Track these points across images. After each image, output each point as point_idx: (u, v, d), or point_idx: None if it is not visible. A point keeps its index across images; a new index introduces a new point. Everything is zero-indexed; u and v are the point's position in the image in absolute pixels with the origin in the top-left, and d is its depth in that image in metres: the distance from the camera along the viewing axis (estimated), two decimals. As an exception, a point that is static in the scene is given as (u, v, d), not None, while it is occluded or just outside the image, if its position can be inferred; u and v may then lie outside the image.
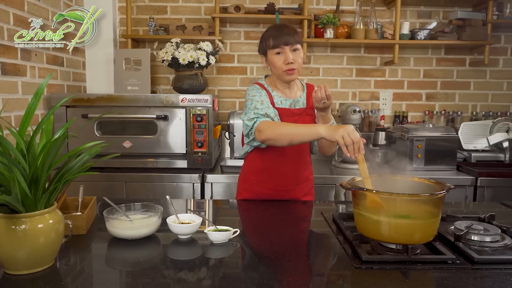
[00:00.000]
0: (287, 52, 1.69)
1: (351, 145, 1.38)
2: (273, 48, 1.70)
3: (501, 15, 3.03)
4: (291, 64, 1.69)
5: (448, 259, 1.13)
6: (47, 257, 1.06)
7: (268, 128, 1.60)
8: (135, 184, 2.50)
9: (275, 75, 1.77)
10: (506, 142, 2.84)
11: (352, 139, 1.38)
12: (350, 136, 1.38)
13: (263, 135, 1.61)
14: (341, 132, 1.40)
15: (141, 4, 3.16)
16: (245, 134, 1.73)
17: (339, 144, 1.40)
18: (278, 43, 1.69)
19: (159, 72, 3.20)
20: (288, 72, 1.70)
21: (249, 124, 1.67)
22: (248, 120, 1.67)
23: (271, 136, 1.59)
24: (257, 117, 1.65)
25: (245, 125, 1.70)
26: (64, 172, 1.09)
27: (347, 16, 3.18)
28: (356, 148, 1.37)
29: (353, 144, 1.37)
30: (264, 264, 1.13)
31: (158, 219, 1.32)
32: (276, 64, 1.71)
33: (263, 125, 1.62)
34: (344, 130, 1.40)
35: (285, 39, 1.68)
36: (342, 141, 1.39)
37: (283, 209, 1.70)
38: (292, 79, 1.75)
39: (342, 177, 2.53)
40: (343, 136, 1.39)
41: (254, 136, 1.67)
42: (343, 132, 1.39)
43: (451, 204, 1.86)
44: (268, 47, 1.72)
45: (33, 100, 1.07)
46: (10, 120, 2.07)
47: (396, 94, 3.28)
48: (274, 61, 1.71)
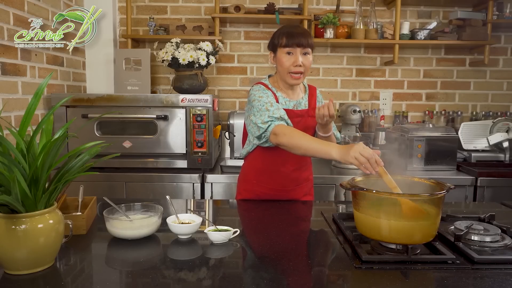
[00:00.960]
0: (297, 53, 1.67)
1: (366, 163, 1.33)
2: (285, 47, 1.68)
3: (501, 15, 3.04)
4: (299, 67, 1.67)
5: (448, 259, 1.13)
6: (47, 257, 1.06)
7: (284, 134, 1.57)
8: (135, 184, 2.50)
9: (280, 75, 1.75)
10: (506, 142, 2.84)
11: (366, 156, 1.33)
12: (363, 154, 1.33)
13: (279, 140, 1.58)
14: (352, 153, 1.35)
15: (141, 4, 3.16)
16: (256, 135, 1.68)
17: (355, 165, 1.36)
18: (290, 43, 1.67)
19: (159, 72, 3.20)
20: (294, 76, 1.69)
21: (263, 126, 1.62)
22: (262, 123, 1.62)
23: (286, 143, 1.56)
24: (272, 121, 1.62)
25: (256, 127, 1.65)
26: (64, 172, 1.09)
27: (347, 16, 3.18)
28: (373, 163, 1.32)
29: (369, 161, 1.33)
30: (264, 264, 1.14)
31: (158, 219, 1.32)
32: (284, 64, 1.69)
33: (279, 130, 1.59)
34: (355, 151, 1.35)
35: (299, 40, 1.66)
36: (357, 161, 1.35)
37: (283, 209, 1.70)
38: (297, 84, 1.74)
39: (342, 177, 2.53)
40: (356, 157, 1.34)
41: (268, 139, 1.64)
42: (355, 153, 1.35)
43: (451, 204, 1.86)
44: (280, 45, 1.70)
45: (33, 100, 1.07)
46: (10, 120, 2.07)
47: (396, 94, 3.28)
48: (283, 60, 1.69)
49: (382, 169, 1.31)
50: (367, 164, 1.33)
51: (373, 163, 1.32)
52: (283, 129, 1.59)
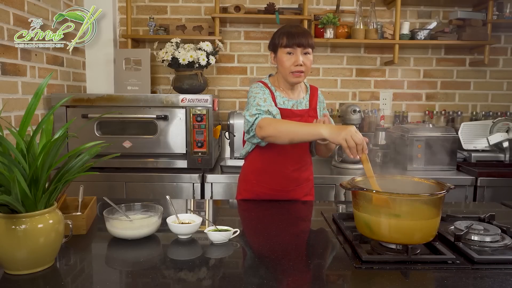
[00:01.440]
0: (298, 53, 1.68)
1: (354, 148, 1.36)
2: (285, 47, 1.69)
3: (501, 15, 3.03)
4: (299, 66, 1.68)
5: (448, 259, 1.13)
6: (47, 257, 1.06)
7: (269, 124, 1.58)
8: (135, 184, 2.50)
9: (281, 75, 1.76)
10: (506, 142, 2.84)
11: (355, 141, 1.36)
12: (353, 138, 1.37)
13: (264, 131, 1.59)
14: (343, 135, 1.38)
15: (141, 4, 3.16)
16: (246, 130, 1.71)
17: (343, 147, 1.39)
18: (291, 43, 1.67)
19: (159, 72, 3.20)
20: (295, 74, 1.70)
21: (250, 120, 1.65)
22: (250, 116, 1.65)
23: (271, 133, 1.57)
24: (259, 114, 1.64)
25: (246, 121, 1.68)
26: (64, 172, 1.09)
27: (347, 16, 3.18)
28: (360, 149, 1.37)
29: (357, 146, 1.36)
30: (264, 264, 1.14)
31: (158, 219, 1.32)
32: (285, 64, 1.70)
33: (264, 122, 1.60)
34: (347, 133, 1.38)
35: (299, 40, 1.67)
36: (345, 144, 1.38)
37: (283, 209, 1.70)
38: (298, 82, 1.75)
39: (342, 177, 2.53)
40: (346, 139, 1.37)
41: (255, 133, 1.66)
42: (346, 135, 1.38)
43: (451, 204, 1.85)
44: (281, 45, 1.70)
45: (33, 100, 1.07)
46: (10, 120, 2.07)
47: (396, 94, 3.28)
48: (283, 60, 1.70)
49: (365, 157, 1.36)
50: (354, 149, 1.38)
51: (360, 149, 1.37)
52: (267, 120, 1.61)
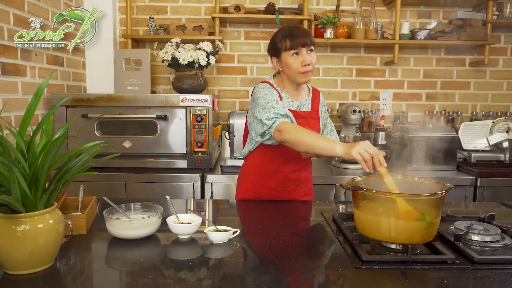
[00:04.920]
0: (304, 53, 1.68)
1: (369, 160, 1.34)
2: (290, 49, 1.68)
3: (501, 15, 3.03)
4: (307, 66, 1.68)
5: (448, 259, 1.13)
6: (47, 257, 1.06)
7: (288, 131, 1.56)
8: (135, 184, 2.50)
9: (288, 77, 1.75)
10: (506, 142, 2.84)
11: (370, 153, 1.33)
12: (368, 151, 1.34)
13: (283, 136, 1.57)
14: (357, 148, 1.36)
15: (141, 4, 3.16)
16: (260, 133, 1.67)
17: (358, 161, 1.36)
18: (295, 44, 1.67)
19: (159, 72, 3.20)
20: (304, 74, 1.69)
21: (267, 123, 1.61)
22: (267, 120, 1.61)
23: (290, 140, 1.55)
24: (277, 117, 1.61)
25: (261, 124, 1.65)
26: (64, 172, 1.09)
27: (347, 16, 3.18)
28: (376, 161, 1.33)
29: (372, 159, 1.33)
30: (264, 264, 1.14)
31: (158, 219, 1.32)
32: (292, 65, 1.69)
33: (284, 126, 1.58)
34: (360, 147, 1.36)
35: (302, 40, 1.67)
36: (360, 157, 1.35)
37: (283, 209, 1.70)
38: (307, 81, 1.74)
39: (342, 177, 2.53)
40: (360, 153, 1.35)
41: (272, 135, 1.63)
42: (360, 149, 1.35)
43: (451, 204, 1.85)
44: (285, 49, 1.69)
45: (33, 100, 1.07)
46: (10, 120, 2.07)
47: (396, 94, 3.28)
48: (290, 62, 1.69)
49: (385, 170, 1.31)
50: (369, 162, 1.33)
51: (376, 161, 1.33)
52: (287, 125, 1.59)
